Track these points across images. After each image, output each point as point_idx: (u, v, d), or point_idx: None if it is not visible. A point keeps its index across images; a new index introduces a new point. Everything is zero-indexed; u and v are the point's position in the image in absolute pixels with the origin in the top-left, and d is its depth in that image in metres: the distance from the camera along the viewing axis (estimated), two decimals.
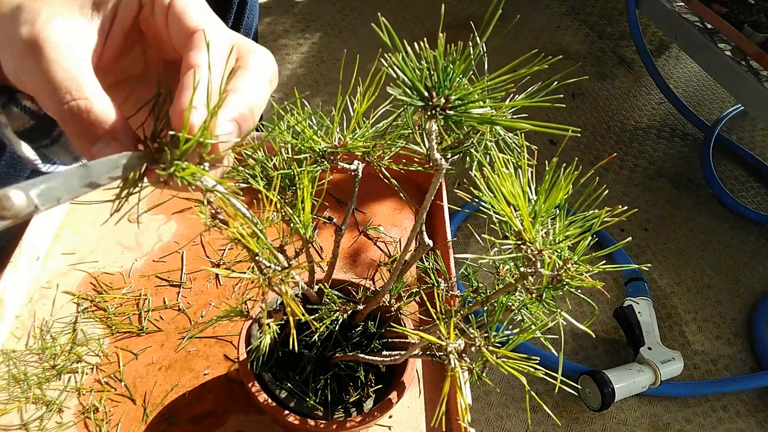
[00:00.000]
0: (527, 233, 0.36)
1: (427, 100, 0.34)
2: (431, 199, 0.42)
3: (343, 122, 0.47)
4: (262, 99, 0.37)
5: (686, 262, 1.87)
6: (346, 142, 0.46)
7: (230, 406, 0.67)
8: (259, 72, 0.38)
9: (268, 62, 0.39)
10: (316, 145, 0.46)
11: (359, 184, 0.51)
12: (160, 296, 0.77)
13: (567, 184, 0.36)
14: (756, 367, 1.64)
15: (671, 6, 2.22)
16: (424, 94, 0.34)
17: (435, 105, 0.34)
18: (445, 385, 0.38)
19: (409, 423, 0.68)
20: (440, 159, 0.39)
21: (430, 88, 0.34)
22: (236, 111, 0.34)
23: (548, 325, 0.40)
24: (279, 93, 2.16)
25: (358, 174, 0.50)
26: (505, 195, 0.36)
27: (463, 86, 0.34)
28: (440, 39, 0.33)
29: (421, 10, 2.66)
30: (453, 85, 0.34)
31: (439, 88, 0.34)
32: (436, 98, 0.34)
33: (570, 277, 0.36)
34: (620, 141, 2.24)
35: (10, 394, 0.64)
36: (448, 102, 0.34)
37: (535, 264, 0.37)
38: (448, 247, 0.77)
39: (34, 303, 0.74)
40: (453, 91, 0.34)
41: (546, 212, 0.37)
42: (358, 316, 0.58)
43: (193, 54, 0.35)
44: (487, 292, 0.47)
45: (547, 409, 0.42)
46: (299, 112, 0.46)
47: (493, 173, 0.37)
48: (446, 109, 0.34)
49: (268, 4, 2.67)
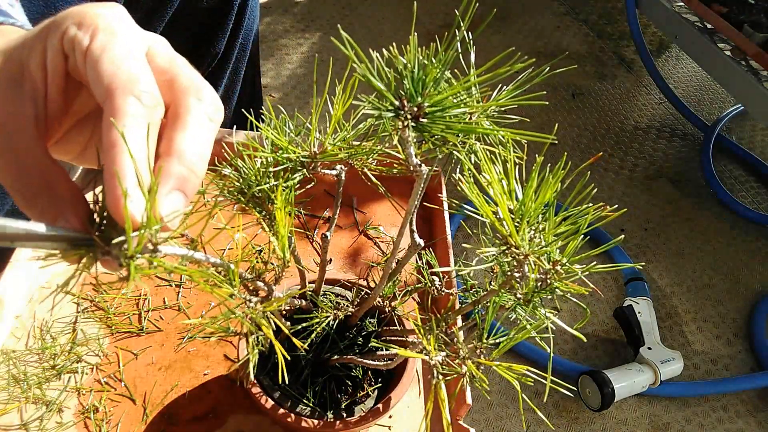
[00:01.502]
0: (512, 238, 0.35)
1: (398, 109, 0.33)
2: (415, 204, 0.41)
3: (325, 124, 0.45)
4: (206, 145, 0.33)
5: (686, 262, 1.87)
6: (326, 148, 0.44)
7: (230, 406, 0.67)
8: (197, 115, 0.33)
9: (205, 97, 0.35)
10: (292, 155, 0.44)
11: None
12: (160, 296, 0.77)
13: (555, 181, 0.35)
14: (756, 367, 1.64)
15: (671, 6, 2.22)
16: (395, 103, 0.32)
17: (407, 114, 0.33)
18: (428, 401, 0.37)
19: (409, 423, 0.68)
20: (419, 165, 0.37)
21: (402, 96, 0.32)
22: (176, 179, 0.31)
23: (543, 324, 0.40)
24: (279, 93, 2.16)
25: (341, 178, 0.49)
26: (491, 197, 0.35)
27: (436, 92, 0.32)
28: (412, 42, 0.32)
29: (420, 11, 2.66)
30: (425, 92, 0.32)
31: (411, 96, 0.32)
32: (408, 107, 0.32)
33: (558, 280, 0.36)
34: (620, 141, 2.24)
35: (10, 394, 0.64)
36: (420, 109, 0.32)
37: (521, 268, 0.36)
38: (447, 246, 0.77)
39: (34, 303, 0.74)
40: (426, 98, 0.32)
41: (534, 211, 0.36)
42: (353, 317, 0.58)
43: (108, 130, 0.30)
44: (481, 291, 0.47)
45: (541, 414, 0.42)
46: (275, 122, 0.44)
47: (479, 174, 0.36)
48: (419, 118, 0.33)
49: (268, 4, 2.67)
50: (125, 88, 0.31)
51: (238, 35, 1.06)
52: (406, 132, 0.34)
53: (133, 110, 0.31)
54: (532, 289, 0.36)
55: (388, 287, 0.56)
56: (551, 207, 0.37)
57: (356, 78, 0.34)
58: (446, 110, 0.33)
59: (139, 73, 0.32)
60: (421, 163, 0.37)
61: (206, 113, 0.34)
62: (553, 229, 0.36)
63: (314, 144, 0.45)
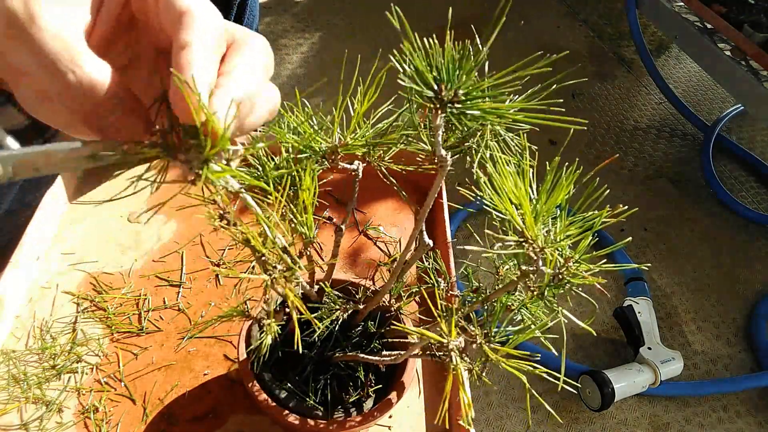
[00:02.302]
0: (529, 231, 0.36)
1: (436, 92, 0.34)
2: (434, 196, 0.41)
3: (343, 122, 0.47)
4: (259, 85, 0.35)
5: (686, 262, 1.87)
6: (347, 142, 0.46)
7: (230, 406, 0.67)
8: (254, 56, 0.36)
9: (263, 48, 0.37)
10: (316, 145, 0.46)
11: (359, 183, 0.51)
12: (160, 296, 0.77)
13: (568, 183, 0.36)
14: (756, 367, 1.64)
15: (671, 6, 2.22)
16: (434, 87, 0.34)
17: (443, 98, 0.34)
18: (447, 383, 0.37)
19: (409, 423, 0.68)
20: (446, 155, 0.39)
21: (439, 81, 0.34)
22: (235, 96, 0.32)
23: (548, 324, 0.40)
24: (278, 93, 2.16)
25: (359, 174, 0.50)
26: (507, 193, 0.36)
27: (470, 82, 0.34)
28: (448, 34, 0.34)
29: (419, 11, 2.66)
30: (461, 80, 0.34)
31: (448, 82, 0.34)
32: (446, 91, 0.34)
33: (571, 275, 0.36)
34: (620, 141, 2.24)
35: (10, 394, 0.64)
36: (456, 96, 0.34)
37: (536, 262, 0.37)
38: (448, 246, 0.77)
39: (34, 303, 0.74)
40: (461, 85, 0.34)
41: (547, 212, 0.37)
42: (358, 315, 0.58)
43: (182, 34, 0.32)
44: (486, 292, 0.47)
45: (548, 407, 0.42)
46: (299, 112, 0.46)
47: (495, 171, 0.37)
48: (454, 103, 0.34)
49: (268, 4, 2.67)
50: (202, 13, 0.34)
51: None
52: (438, 118, 0.35)
53: (207, 24, 0.33)
54: (546, 284, 0.37)
55: (395, 287, 0.56)
56: (563, 208, 0.38)
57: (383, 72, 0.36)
58: (475, 101, 0.34)
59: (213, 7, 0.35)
60: (448, 152, 0.38)
61: (263, 62, 0.37)
62: (564, 227, 0.37)
63: (336, 137, 0.46)
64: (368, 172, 0.53)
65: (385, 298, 0.58)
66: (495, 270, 0.45)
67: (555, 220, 0.38)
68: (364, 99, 0.43)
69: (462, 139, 0.43)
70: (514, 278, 0.40)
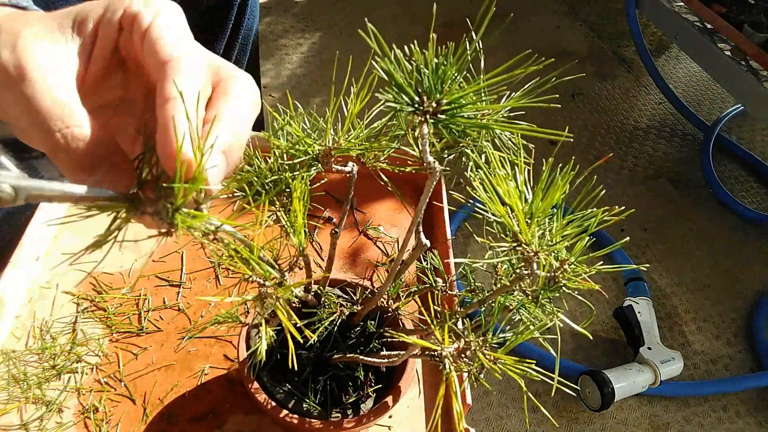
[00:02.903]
0: (523, 235, 0.36)
1: (417, 104, 0.33)
2: (426, 201, 0.41)
3: (338, 123, 0.46)
4: (247, 126, 0.35)
5: (686, 262, 1.87)
6: (340, 144, 0.46)
7: (230, 406, 0.67)
8: (241, 97, 0.36)
9: (249, 87, 0.37)
10: (308, 148, 0.45)
11: (358, 183, 0.51)
12: (160, 296, 0.77)
13: (564, 183, 0.36)
14: (756, 367, 1.64)
15: (671, 6, 2.22)
16: (415, 99, 0.33)
17: (426, 110, 0.33)
18: (440, 389, 0.37)
19: (409, 423, 0.68)
20: (433, 162, 0.38)
21: (420, 92, 0.33)
22: (223, 142, 0.33)
23: (547, 324, 0.40)
24: (279, 93, 2.16)
25: (354, 175, 0.50)
26: (500, 196, 0.36)
27: (455, 89, 0.33)
28: (431, 40, 0.33)
29: (419, 10, 2.66)
30: (444, 89, 0.33)
31: (431, 92, 0.33)
32: (427, 102, 0.33)
33: (567, 278, 0.36)
34: (620, 141, 2.24)
35: (10, 394, 0.64)
36: (439, 106, 0.33)
37: (531, 266, 0.36)
38: (447, 246, 0.77)
39: (34, 303, 0.74)
40: (445, 95, 0.33)
41: (543, 212, 0.36)
42: (357, 316, 0.58)
43: (166, 86, 0.32)
44: (485, 292, 0.47)
45: (545, 411, 0.42)
46: (292, 115, 0.46)
47: (488, 174, 0.36)
48: (437, 114, 0.33)
49: (268, 4, 2.67)
50: (186, 60, 0.34)
51: (238, 35, 1.06)
52: (423, 128, 0.34)
53: (190, 72, 0.33)
54: (541, 288, 0.37)
55: (393, 287, 0.56)
56: (560, 208, 0.37)
57: (375, 75, 0.35)
58: (462, 108, 0.33)
59: (200, 52, 0.36)
60: (435, 160, 0.38)
61: (250, 101, 0.37)
62: (560, 229, 0.36)
63: (329, 139, 0.46)
64: (367, 173, 0.53)
65: (383, 299, 0.58)
66: (493, 269, 0.45)
67: (551, 221, 0.37)
68: (356, 100, 0.43)
69: (455, 141, 0.42)
70: (508, 282, 0.39)
